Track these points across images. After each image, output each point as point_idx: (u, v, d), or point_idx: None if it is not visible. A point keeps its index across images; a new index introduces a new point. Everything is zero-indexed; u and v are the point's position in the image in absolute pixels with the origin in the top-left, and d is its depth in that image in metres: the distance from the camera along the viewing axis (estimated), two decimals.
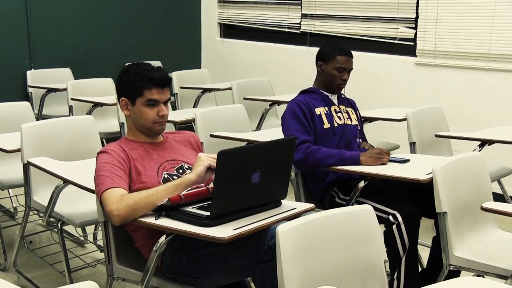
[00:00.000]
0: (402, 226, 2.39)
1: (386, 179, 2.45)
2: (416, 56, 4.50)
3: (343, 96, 2.89)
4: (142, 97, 2.07)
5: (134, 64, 2.12)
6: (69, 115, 4.36)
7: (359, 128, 2.85)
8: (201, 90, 4.86)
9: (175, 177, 2.08)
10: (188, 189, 1.93)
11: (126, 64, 2.18)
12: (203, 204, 1.86)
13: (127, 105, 2.11)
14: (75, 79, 5.02)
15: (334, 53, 2.74)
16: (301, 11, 5.31)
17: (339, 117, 2.77)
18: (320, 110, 2.73)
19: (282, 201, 1.97)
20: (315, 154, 2.57)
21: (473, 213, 2.34)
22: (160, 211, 1.86)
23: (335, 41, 2.99)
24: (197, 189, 1.93)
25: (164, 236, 1.84)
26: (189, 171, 2.12)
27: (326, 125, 2.71)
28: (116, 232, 2.10)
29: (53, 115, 4.52)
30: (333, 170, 2.58)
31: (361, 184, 2.49)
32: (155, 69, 2.10)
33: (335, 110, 2.78)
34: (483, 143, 3.09)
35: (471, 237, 2.32)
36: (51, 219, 2.64)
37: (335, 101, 2.83)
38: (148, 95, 2.07)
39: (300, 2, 5.29)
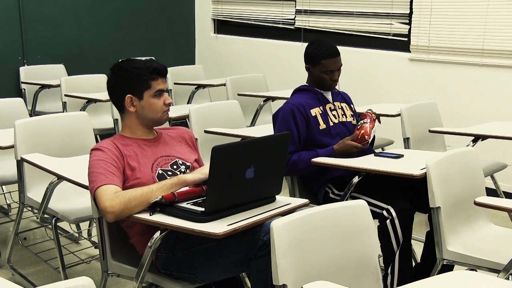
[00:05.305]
0: (396, 221, 2.40)
1: (380, 175, 2.45)
2: (410, 51, 4.50)
3: (336, 90, 2.89)
4: (150, 89, 2.09)
5: (126, 61, 2.13)
6: (63, 112, 4.34)
7: (354, 123, 2.85)
8: (195, 86, 4.85)
9: (169, 173, 2.08)
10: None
11: (114, 64, 2.16)
12: (197, 200, 1.86)
13: (133, 102, 2.11)
14: (69, 75, 4.99)
15: (319, 58, 2.70)
16: (295, 6, 5.31)
17: (334, 116, 2.77)
18: (315, 111, 2.73)
19: (276, 196, 1.98)
20: (298, 165, 2.63)
21: (466, 208, 2.36)
22: (155, 207, 1.86)
23: (322, 38, 2.95)
24: (191, 188, 1.92)
25: (159, 231, 1.84)
26: (183, 167, 2.13)
27: (322, 126, 2.71)
28: (111, 228, 2.10)
29: (46, 112, 4.50)
30: (331, 167, 2.58)
31: (355, 179, 2.49)
32: (151, 60, 2.14)
33: (329, 108, 2.78)
34: (477, 138, 3.10)
35: (464, 231, 2.33)
36: (45, 216, 2.63)
37: (330, 98, 2.83)
38: (156, 86, 2.09)
39: None
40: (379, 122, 2.71)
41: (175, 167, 2.12)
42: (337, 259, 1.74)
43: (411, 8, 4.46)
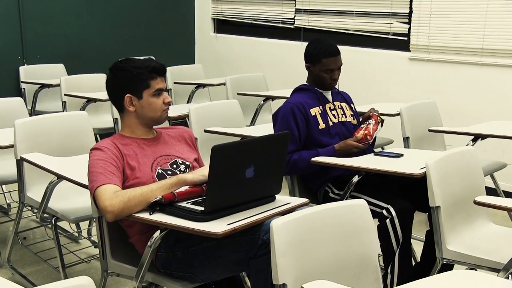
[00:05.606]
0: (396, 220, 2.40)
1: (380, 174, 2.46)
2: (409, 51, 4.50)
3: (336, 90, 2.88)
4: (149, 89, 2.09)
5: (124, 61, 2.13)
6: (63, 111, 4.34)
7: (353, 123, 2.85)
8: (195, 86, 4.85)
9: (169, 172, 2.08)
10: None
11: (113, 64, 2.16)
12: (197, 199, 1.86)
13: (132, 101, 2.11)
14: (69, 74, 4.99)
15: (319, 57, 2.70)
16: (295, 6, 5.30)
17: (334, 115, 2.77)
18: (315, 111, 2.72)
19: (276, 196, 1.98)
20: (298, 164, 2.62)
21: (466, 207, 2.36)
22: (155, 206, 1.86)
23: (323, 37, 2.95)
24: (191, 187, 1.92)
25: (159, 231, 1.85)
26: (183, 166, 2.13)
27: (321, 125, 2.71)
28: (111, 227, 2.10)
29: (46, 111, 4.50)
30: (330, 166, 2.58)
31: (355, 178, 2.49)
32: (149, 59, 2.14)
33: (329, 108, 2.78)
34: (476, 137, 3.10)
35: (464, 231, 2.33)
36: (45, 215, 2.63)
37: (329, 97, 2.82)
38: (155, 85, 2.09)
39: None
40: (381, 126, 2.71)
41: (174, 166, 2.12)
42: (337, 259, 1.74)
43: (410, 8, 4.46)
